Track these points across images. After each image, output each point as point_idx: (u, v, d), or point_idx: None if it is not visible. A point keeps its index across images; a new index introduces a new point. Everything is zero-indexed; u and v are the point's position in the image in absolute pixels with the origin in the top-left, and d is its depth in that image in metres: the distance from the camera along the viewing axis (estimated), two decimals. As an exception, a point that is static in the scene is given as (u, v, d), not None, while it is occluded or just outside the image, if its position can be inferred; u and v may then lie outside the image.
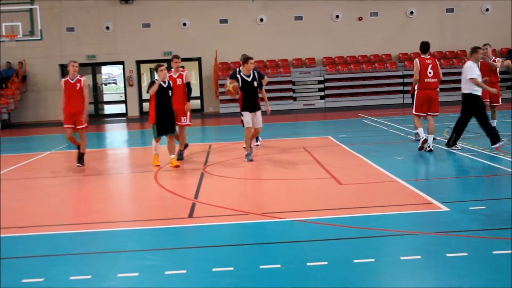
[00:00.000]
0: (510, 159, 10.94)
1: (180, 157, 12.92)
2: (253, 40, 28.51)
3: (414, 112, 12.81)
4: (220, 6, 28.42)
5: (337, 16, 28.93)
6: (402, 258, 5.85)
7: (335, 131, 17.30)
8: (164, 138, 12.16)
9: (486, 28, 28.51)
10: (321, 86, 28.39)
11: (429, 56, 12.75)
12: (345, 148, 13.76)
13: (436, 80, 12.60)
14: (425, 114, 12.65)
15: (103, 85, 42.49)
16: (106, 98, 39.41)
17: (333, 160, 12.10)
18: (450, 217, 7.35)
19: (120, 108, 31.47)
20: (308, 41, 28.77)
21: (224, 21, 28.76)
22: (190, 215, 8.03)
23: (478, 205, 7.84)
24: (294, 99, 28.42)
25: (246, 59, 12.64)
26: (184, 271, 5.67)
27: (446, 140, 12.99)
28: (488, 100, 13.82)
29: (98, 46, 28.48)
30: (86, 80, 12.76)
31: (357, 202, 8.46)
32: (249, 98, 12.62)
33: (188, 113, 13.02)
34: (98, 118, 28.66)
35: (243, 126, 12.75)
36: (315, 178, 10.32)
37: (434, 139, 13.27)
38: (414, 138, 14.39)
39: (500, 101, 14.29)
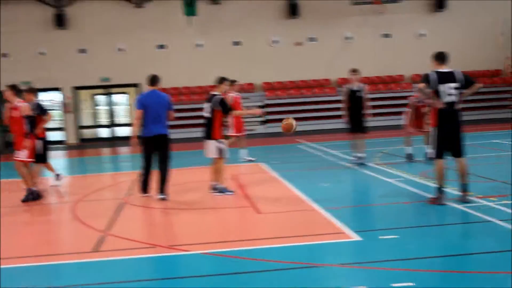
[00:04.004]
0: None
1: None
2: (190, 64, 28.42)
3: None
4: (157, 31, 28.34)
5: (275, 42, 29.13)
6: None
7: (268, 157, 17.12)
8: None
9: (421, 53, 28.97)
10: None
11: None
12: (273, 175, 13.61)
13: None
14: None
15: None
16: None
17: (258, 188, 11.92)
18: (359, 247, 7.24)
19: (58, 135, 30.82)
20: (247, 67, 28.67)
21: (161, 46, 28.62)
22: (96, 249, 7.75)
23: (390, 234, 7.72)
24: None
25: None
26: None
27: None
28: None
29: (34, 72, 27.88)
30: None
31: (270, 233, 8.28)
32: None
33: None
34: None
35: None
36: (233, 207, 10.12)
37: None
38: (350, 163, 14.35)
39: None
